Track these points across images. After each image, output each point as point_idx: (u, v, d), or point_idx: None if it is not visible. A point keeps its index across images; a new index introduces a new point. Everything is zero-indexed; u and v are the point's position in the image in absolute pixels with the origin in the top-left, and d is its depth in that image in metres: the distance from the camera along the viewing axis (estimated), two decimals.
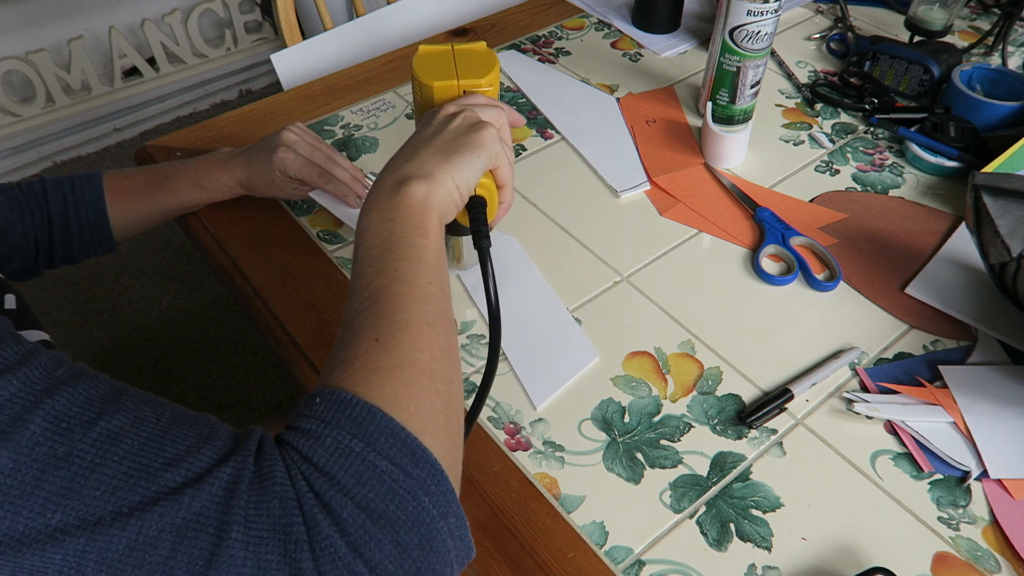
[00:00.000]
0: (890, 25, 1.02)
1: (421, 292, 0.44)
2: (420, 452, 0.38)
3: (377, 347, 0.41)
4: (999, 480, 0.55)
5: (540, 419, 0.59)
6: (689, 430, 0.58)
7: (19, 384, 0.34)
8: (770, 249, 0.72)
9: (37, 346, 0.37)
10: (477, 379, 0.62)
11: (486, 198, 0.54)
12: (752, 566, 0.51)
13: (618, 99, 0.91)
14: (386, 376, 0.40)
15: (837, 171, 0.81)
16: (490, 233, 0.53)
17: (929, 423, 0.58)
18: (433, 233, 0.47)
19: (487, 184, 0.54)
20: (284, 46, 1.04)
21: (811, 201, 0.77)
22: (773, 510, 0.54)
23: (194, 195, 0.73)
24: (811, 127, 0.86)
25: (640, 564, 0.51)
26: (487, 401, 0.60)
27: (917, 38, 0.94)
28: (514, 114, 0.59)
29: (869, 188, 0.79)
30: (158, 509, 0.33)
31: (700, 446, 0.57)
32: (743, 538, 0.52)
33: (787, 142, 0.85)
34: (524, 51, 0.99)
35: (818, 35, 1.01)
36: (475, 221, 0.53)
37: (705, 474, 0.56)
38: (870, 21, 1.03)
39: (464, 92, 0.57)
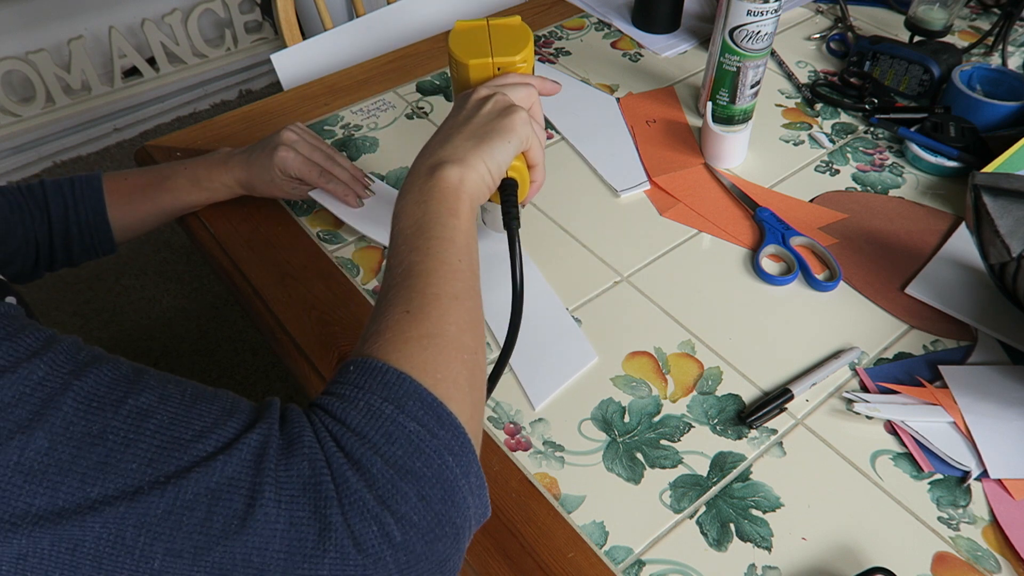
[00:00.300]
0: (890, 25, 1.02)
1: (450, 269, 0.46)
2: (445, 415, 0.40)
3: (407, 318, 0.43)
4: (999, 480, 0.55)
5: (540, 419, 0.59)
6: (689, 430, 0.58)
7: (47, 368, 0.35)
8: (770, 249, 0.72)
9: (55, 332, 0.38)
10: None
11: (517, 180, 0.56)
12: (752, 566, 0.51)
13: (618, 99, 0.91)
14: (415, 345, 0.42)
15: (837, 171, 0.81)
16: (519, 214, 0.55)
17: (929, 423, 0.58)
18: (464, 215, 0.49)
19: (518, 166, 0.56)
20: (284, 46, 1.04)
21: (811, 201, 0.77)
22: (773, 510, 0.54)
23: (194, 195, 0.73)
24: (811, 127, 0.86)
25: (640, 564, 0.51)
26: (487, 401, 0.60)
27: (917, 38, 0.94)
28: (547, 84, 0.60)
29: (869, 188, 0.79)
30: (193, 475, 0.35)
31: (700, 446, 0.57)
32: (743, 538, 0.52)
33: (787, 142, 0.85)
34: None
35: (818, 35, 1.01)
36: (506, 203, 0.55)
37: (705, 474, 0.56)
38: (870, 21, 1.03)
39: (499, 69, 0.59)
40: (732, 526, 0.53)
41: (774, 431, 0.58)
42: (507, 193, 0.55)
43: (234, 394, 0.41)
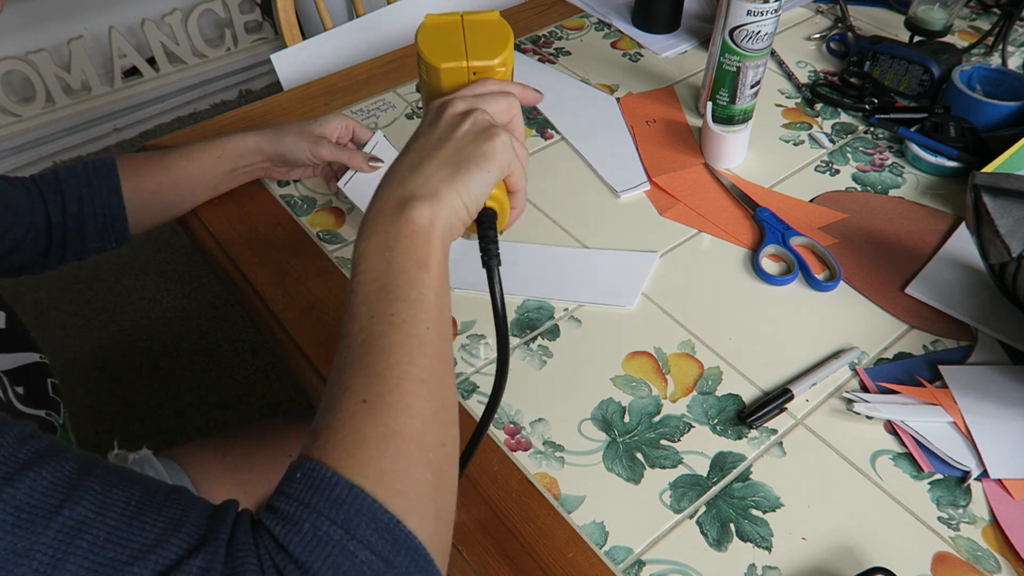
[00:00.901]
0: (890, 25, 1.02)
1: (417, 342, 0.41)
2: (403, 537, 0.36)
3: (364, 411, 0.39)
4: (999, 480, 0.55)
5: (540, 419, 0.59)
6: (689, 430, 0.58)
7: None
8: (770, 249, 0.72)
9: (5, 418, 0.35)
10: (477, 379, 0.62)
11: (496, 210, 0.50)
12: (752, 566, 0.51)
13: (618, 99, 0.91)
14: (372, 448, 0.37)
15: (837, 171, 0.81)
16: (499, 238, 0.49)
17: (929, 423, 0.58)
18: (435, 264, 0.44)
19: (498, 195, 0.49)
20: (284, 46, 1.04)
21: (811, 201, 0.77)
22: (773, 510, 0.54)
23: (211, 163, 0.73)
24: (811, 127, 0.86)
25: (640, 564, 0.51)
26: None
27: (917, 38, 0.94)
28: (528, 92, 0.53)
29: (869, 188, 0.79)
30: None
31: (700, 446, 0.57)
32: (743, 538, 0.52)
33: (787, 142, 0.85)
34: (524, 51, 0.99)
35: (818, 35, 1.01)
36: (484, 238, 0.48)
37: (705, 474, 0.56)
38: (870, 21, 1.03)
39: (474, 74, 0.51)
40: (732, 526, 0.53)
41: (774, 431, 0.58)
42: (485, 226, 0.48)
43: (189, 496, 0.37)
